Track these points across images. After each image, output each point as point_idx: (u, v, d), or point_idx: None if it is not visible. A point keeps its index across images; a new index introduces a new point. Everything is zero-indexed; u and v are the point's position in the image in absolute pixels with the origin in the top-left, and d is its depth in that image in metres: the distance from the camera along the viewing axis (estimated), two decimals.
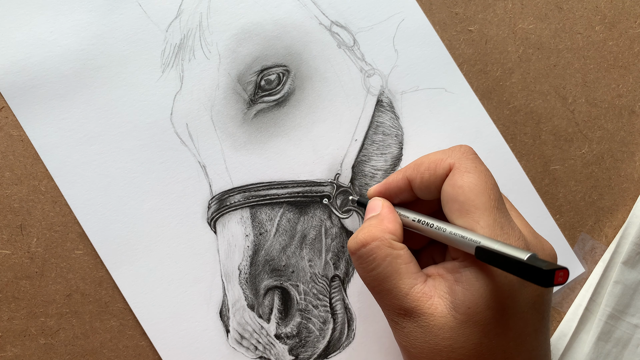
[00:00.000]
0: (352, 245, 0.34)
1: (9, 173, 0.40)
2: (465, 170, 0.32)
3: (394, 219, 0.35)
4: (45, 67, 0.40)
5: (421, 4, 0.43)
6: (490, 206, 0.31)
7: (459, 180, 0.32)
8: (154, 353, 0.40)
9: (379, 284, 0.32)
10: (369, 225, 0.34)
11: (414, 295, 0.31)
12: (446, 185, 0.33)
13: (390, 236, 0.33)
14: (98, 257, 0.40)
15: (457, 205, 0.32)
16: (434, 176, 0.34)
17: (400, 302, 0.31)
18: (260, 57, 0.42)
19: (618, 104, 0.45)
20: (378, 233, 0.33)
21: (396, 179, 0.36)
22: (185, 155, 0.41)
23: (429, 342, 0.31)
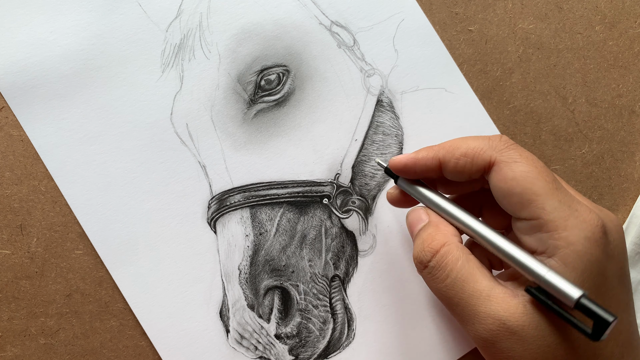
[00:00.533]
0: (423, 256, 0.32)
1: (9, 173, 0.40)
2: (513, 160, 0.31)
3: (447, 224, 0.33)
4: (45, 67, 0.40)
5: (421, 4, 0.43)
6: (550, 189, 0.30)
7: (509, 173, 0.30)
8: (154, 353, 0.40)
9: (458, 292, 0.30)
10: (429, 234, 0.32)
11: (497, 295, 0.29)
12: (496, 180, 0.31)
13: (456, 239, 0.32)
14: (98, 257, 0.40)
15: (515, 198, 0.30)
16: (471, 164, 0.32)
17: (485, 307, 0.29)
18: (260, 57, 0.42)
19: (618, 104, 0.45)
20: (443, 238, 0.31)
21: (427, 156, 0.34)
22: (185, 155, 0.41)
23: (529, 348, 0.28)
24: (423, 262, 0.32)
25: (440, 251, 0.31)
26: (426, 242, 0.32)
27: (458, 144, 0.33)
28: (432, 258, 0.31)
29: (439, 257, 0.31)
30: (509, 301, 0.29)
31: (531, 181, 0.30)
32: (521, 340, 0.28)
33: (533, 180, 0.30)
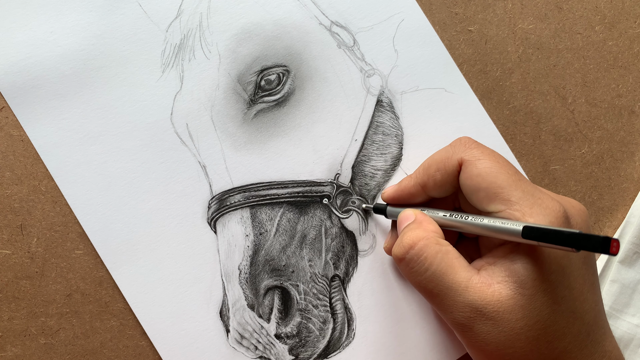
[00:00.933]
0: (398, 251, 0.34)
1: (9, 173, 0.40)
2: (476, 159, 0.33)
3: (431, 221, 0.35)
4: (45, 67, 0.41)
5: (421, 4, 0.43)
6: (513, 180, 0.32)
7: (474, 170, 0.33)
8: (154, 353, 0.40)
9: (436, 284, 0.32)
10: (409, 229, 0.34)
11: (474, 286, 0.31)
12: (464, 179, 0.34)
13: (435, 234, 0.33)
14: (98, 257, 0.40)
15: (482, 193, 0.32)
16: (446, 174, 0.35)
17: (463, 297, 0.31)
18: (260, 57, 0.42)
19: (618, 104, 0.45)
20: (422, 233, 0.33)
21: (408, 185, 0.37)
22: (186, 155, 0.41)
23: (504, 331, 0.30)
24: (398, 256, 0.34)
25: (418, 245, 0.33)
26: (404, 237, 0.34)
27: (429, 162, 0.36)
28: (409, 251, 0.33)
29: (416, 251, 0.33)
30: (485, 290, 0.31)
31: (495, 175, 0.32)
32: (496, 324, 0.30)
33: (496, 174, 0.32)
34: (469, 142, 0.35)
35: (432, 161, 0.36)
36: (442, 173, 0.35)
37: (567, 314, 0.31)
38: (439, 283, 0.32)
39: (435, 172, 0.35)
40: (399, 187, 0.38)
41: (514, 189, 0.32)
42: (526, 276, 0.30)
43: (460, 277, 0.31)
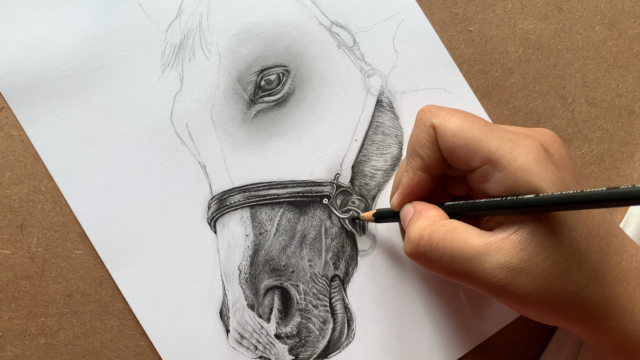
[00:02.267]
0: (409, 248, 0.33)
1: (9, 173, 0.40)
2: (445, 120, 0.33)
3: (431, 206, 0.35)
4: (45, 67, 0.41)
5: (421, 4, 0.43)
6: (487, 130, 0.32)
7: (448, 131, 0.33)
8: (154, 353, 0.40)
9: (459, 263, 0.32)
10: (412, 223, 0.34)
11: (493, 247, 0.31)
12: (442, 142, 0.33)
13: (437, 218, 0.33)
14: (98, 257, 0.40)
15: (462, 150, 0.32)
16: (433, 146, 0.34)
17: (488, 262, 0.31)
18: (260, 57, 0.42)
19: (618, 104, 0.45)
20: (424, 222, 0.33)
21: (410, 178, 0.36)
22: (185, 155, 0.41)
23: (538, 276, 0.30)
24: (410, 252, 0.33)
25: (425, 234, 0.32)
26: (410, 232, 0.33)
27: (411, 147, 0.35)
28: (420, 244, 0.33)
29: (426, 240, 0.32)
30: (505, 245, 0.31)
31: (468, 130, 0.32)
32: (528, 272, 0.30)
33: (470, 129, 0.32)
34: (432, 107, 0.35)
35: (412, 144, 0.35)
36: (428, 147, 0.34)
37: (584, 236, 0.31)
38: (460, 261, 0.32)
39: (423, 150, 0.34)
40: (403, 187, 0.36)
41: (490, 138, 0.31)
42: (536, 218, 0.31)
43: (476, 245, 0.31)
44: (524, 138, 0.32)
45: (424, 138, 0.34)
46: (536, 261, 0.30)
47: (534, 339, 0.44)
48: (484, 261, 0.31)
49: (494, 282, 0.31)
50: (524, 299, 0.31)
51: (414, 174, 0.35)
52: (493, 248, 0.31)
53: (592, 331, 0.33)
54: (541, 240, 0.30)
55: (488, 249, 0.31)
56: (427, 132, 0.34)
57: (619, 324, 0.32)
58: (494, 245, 0.31)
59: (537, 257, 0.30)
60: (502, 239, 0.31)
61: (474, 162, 0.32)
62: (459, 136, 0.32)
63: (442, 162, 0.35)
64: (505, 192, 0.32)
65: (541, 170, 0.30)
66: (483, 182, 0.33)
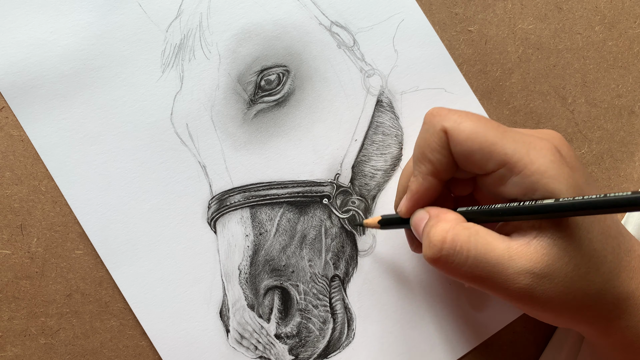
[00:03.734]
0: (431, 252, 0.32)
1: (9, 173, 0.40)
2: (458, 123, 0.32)
3: (447, 210, 0.34)
4: (45, 67, 0.41)
5: (421, 4, 0.43)
6: (501, 133, 0.31)
7: (462, 135, 0.32)
8: (154, 353, 0.40)
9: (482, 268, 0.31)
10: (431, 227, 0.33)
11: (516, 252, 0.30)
12: (454, 147, 0.32)
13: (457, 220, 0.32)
14: (98, 257, 0.40)
15: (477, 155, 0.31)
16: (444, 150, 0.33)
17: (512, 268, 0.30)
18: (260, 57, 0.42)
19: (618, 104, 0.45)
20: (446, 225, 0.32)
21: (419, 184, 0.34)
22: (186, 155, 0.41)
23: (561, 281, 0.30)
24: (432, 258, 0.32)
25: (448, 238, 0.31)
26: (430, 235, 0.32)
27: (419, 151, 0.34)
28: (442, 247, 0.31)
29: (449, 244, 0.31)
30: (528, 251, 0.30)
31: (483, 134, 0.31)
32: (551, 278, 0.30)
33: (484, 132, 0.31)
34: (442, 110, 0.33)
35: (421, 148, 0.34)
36: (438, 152, 0.33)
37: (599, 237, 0.31)
38: (484, 265, 0.31)
39: (433, 154, 0.33)
40: (412, 192, 0.35)
41: (505, 141, 0.31)
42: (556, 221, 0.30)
43: (500, 250, 0.31)
44: (538, 140, 0.31)
45: (435, 142, 0.33)
46: (559, 266, 0.30)
47: (534, 339, 0.44)
48: (507, 266, 0.30)
49: (517, 287, 0.30)
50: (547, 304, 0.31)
51: (424, 179, 0.34)
52: (516, 253, 0.30)
53: (602, 331, 0.33)
54: (563, 244, 0.30)
55: (511, 253, 0.30)
56: (438, 136, 0.33)
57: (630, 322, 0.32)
58: (517, 250, 0.30)
59: (560, 261, 0.30)
60: (524, 244, 0.30)
61: (490, 165, 0.31)
62: (474, 140, 0.31)
63: (452, 166, 0.34)
64: (522, 196, 0.31)
65: (558, 173, 0.30)
66: (498, 186, 0.32)
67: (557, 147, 0.32)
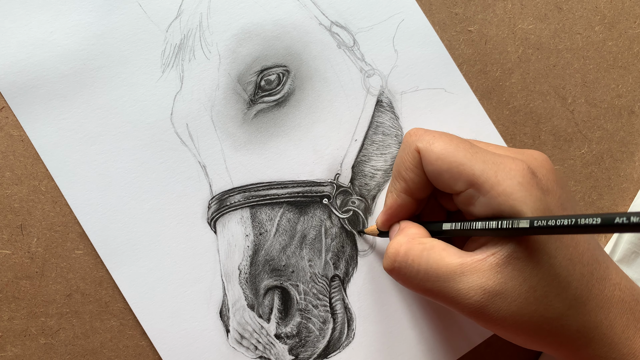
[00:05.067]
0: (386, 263, 0.34)
1: (9, 173, 0.40)
2: (430, 143, 0.33)
3: (414, 225, 0.35)
4: (45, 67, 0.41)
5: (421, 4, 0.43)
6: (471, 154, 0.32)
7: (432, 155, 0.33)
8: (154, 353, 0.40)
9: (433, 282, 0.32)
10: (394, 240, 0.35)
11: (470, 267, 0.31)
12: (425, 167, 0.34)
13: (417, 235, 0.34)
14: (98, 257, 0.40)
15: (446, 174, 0.32)
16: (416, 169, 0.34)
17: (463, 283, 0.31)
18: (260, 57, 0.42)
19: (617, 104, 0.45)
20: (403, 238, 0.34)
21: (393, 200, 0.36)
22: (186, 155, 0.41)
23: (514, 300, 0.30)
24: (387, 267, 0.34)
25: (401, 251, 0.33)
26: (388, 248, 0.34)
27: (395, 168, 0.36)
28: (396, 260, 0.33)
29: (402, 257, 0.33)
30: (482, 267, 0.31)
31: (452, 154, 0.32)
32: (505, 296, 0.30)
33: (454, 153, 0.32)
34: (418, 131, 0.35)
35: (397, 166, 0.35)
36: (412, 170, 0.34)
37: (565, 263, 0.31)
38: (434, 279, 0.32)
39: (407, 173, 0.35)
40: (386, 207, 0.37)
41: (474, 162, 0.31)
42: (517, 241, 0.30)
43: (452, 265, 0.31)
44: (510, 161, 0.31)
45: (408, 161, 0.34)
46: (512, 285, 0.30)
47: None
48: (458, 281, 0.31)
49: (469, 303, 0.31)
50: (500, 322, 0.31)
51: (398, 196, 0.36)
52: (469, 269, 0.31)
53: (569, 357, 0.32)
54: (518, 264, 0.30)
55: (464, 269, 0.31)
56: (412, 156, 0.34)
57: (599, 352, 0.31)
58: (470, 265, 0.31)
59: (514, 280, 0.30)
60: (479, 260, 0.31)
61: (458, 185, 0.32)
62: (443, 160, 0.32)
63: (427, 186, 0.35)
64: (490, 215, 0.31)
65: (524, 195, 0.30)
66: (468, 205, 0.33)
67: (533, 168, 0.32)
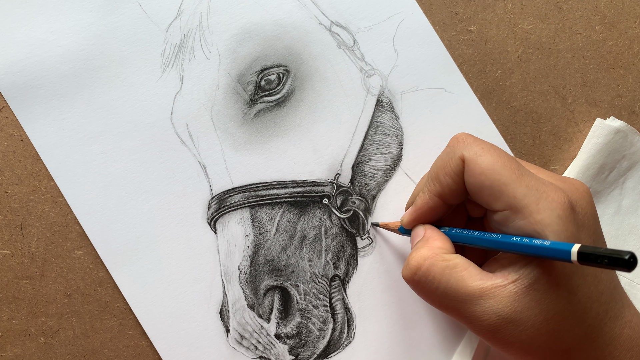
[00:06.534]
0: (406, 274, 0.34)
1: (9, 173, 0.40)
2: (477, 155, 0.32)
3: (440, 236, 0.34)
4: (45, 67, 0.41)
5: (421, 4, 0.43)
6: (517, 176, 0.31)
7: (477, 168, 0.32)
8: (154, 353, 0.40)
9: (450, 300, 0.32)
10: (416, 249, 0.34)
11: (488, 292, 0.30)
12: (467, 178, 0.33)
13: (440, 250, 0.33)
14: (98, 257, 0.40)
15: (487, 191, 0.32)
16: (455, 176, 0.33)
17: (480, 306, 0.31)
18: (260, 57, 0.42)
19: (618, 104, 0.45)
20: (427, 252, 0.33)
21: (425, 201, 0.35)
22: (186, 155, 0.41)
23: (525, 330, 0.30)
24: (407, 278, 0.34)
25: (424, 265, 0.33)
26: (410, 258, 0.34)
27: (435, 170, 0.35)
28: (417, 273, 0.33)
29: (423, 271, 0.33)
30: (500, 293, 0.30)
31: (498, 172, 0.31)
32: (516, 324, 0.30)
33: (500, 171, 0.31)
34: (467, 138, 0.34)
35: (437, 168, 0.34)
36: (451, 177, 0.33)
37: (584, 300, 0.31)
38: (452, 298, 0.32)
39: (445, 178, 0.34)
40: (416, 207, 0.36)
41: (517, 185, 0.31)
42: (539, 273, 0.30)
43: (472, 287, 0.31)
44: (552, 191, 0.31)
45: (450, 167, 0.33)
46: (528, 315, 0.30)
47: None
48: (476, 304, 0.31)
49: (482, 325, 0.31)
50: (509, 346, 0.31)
51: (430, 198, 0.35)
52: (488, 293, 0.31)
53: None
54: (537, 295, 0.30)
55: (483, 293, 0.31)
56: (455, 163, 0.33)
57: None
58: (490, 290, 0.31)
59: (529, 311, 0.30)
60: (499, 286, 0.31)
61: (497, 205, 0.32)
62: (487, 176, 0.32)
63: (463, 194, 0.34)
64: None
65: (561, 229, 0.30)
66: (502, 225, 0.32)
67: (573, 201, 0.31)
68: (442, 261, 0.32)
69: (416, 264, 0.33)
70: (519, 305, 0.30)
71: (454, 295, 0.31)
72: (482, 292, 0.31)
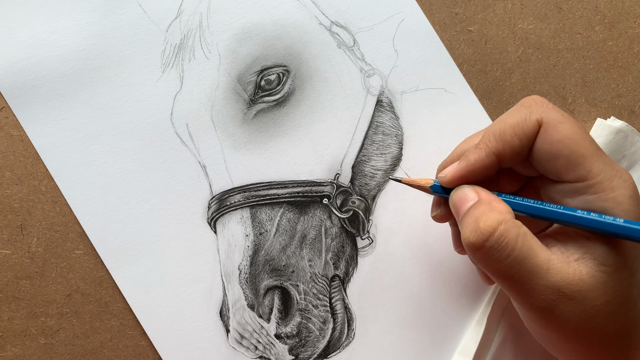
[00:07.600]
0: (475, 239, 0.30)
1: (9, 173, 0.40)
2: (557, 122, 0.30)
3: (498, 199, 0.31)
4: (45, 67, 0.41)
5: (421, 4, 0.43)
6: (595, 149, 0.30)
7: (556, 135, 0.30)
8: (154, 353, 0.40)
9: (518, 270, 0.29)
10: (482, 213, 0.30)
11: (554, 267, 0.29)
12: (542, 143, 0.30)
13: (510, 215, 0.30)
14: (98, 257, 0.40)
15: (562, 160, 0.30)
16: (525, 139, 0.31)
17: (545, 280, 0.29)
18: (260, 57, 0.42)
19: (618, 104, 0.45)
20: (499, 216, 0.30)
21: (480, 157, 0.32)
22: (186, 155, 0.41)
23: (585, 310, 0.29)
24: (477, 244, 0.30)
25: (499, 230, 0.29)
26: (481, 221, 0.30)
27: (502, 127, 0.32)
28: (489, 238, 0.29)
29: (497, 237, 0.29)
30: (566, 270, 0.29)
31: (578, 142, 0.30)
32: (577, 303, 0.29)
33: (580, 142, 0.30)
34: (545, 101, 0.31)
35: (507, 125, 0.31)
36: (520, 138, 0.31)
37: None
38: (520, 268, 0.29)
39: (512, 138, 0.31)
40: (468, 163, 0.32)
41: (595, 159, 0.29)
42: (606, 252, 0.29)
43: (540, 259, 0.29)
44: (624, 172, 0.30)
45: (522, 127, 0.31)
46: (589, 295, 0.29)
47: None
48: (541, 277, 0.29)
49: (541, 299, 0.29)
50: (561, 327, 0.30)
51: (487, 155, 0.32)
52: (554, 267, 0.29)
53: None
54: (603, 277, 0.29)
55: (550, 266, 0.29)
56: (530, 124, 0.31)
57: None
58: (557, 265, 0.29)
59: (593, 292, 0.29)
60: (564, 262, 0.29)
61: (570, 175, 0.30)
62: (566, 145, 0.30)
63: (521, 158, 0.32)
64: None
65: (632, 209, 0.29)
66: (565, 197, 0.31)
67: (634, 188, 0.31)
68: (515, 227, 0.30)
69: (490, 228, 0.29)
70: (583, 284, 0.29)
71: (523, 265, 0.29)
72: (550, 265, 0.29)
